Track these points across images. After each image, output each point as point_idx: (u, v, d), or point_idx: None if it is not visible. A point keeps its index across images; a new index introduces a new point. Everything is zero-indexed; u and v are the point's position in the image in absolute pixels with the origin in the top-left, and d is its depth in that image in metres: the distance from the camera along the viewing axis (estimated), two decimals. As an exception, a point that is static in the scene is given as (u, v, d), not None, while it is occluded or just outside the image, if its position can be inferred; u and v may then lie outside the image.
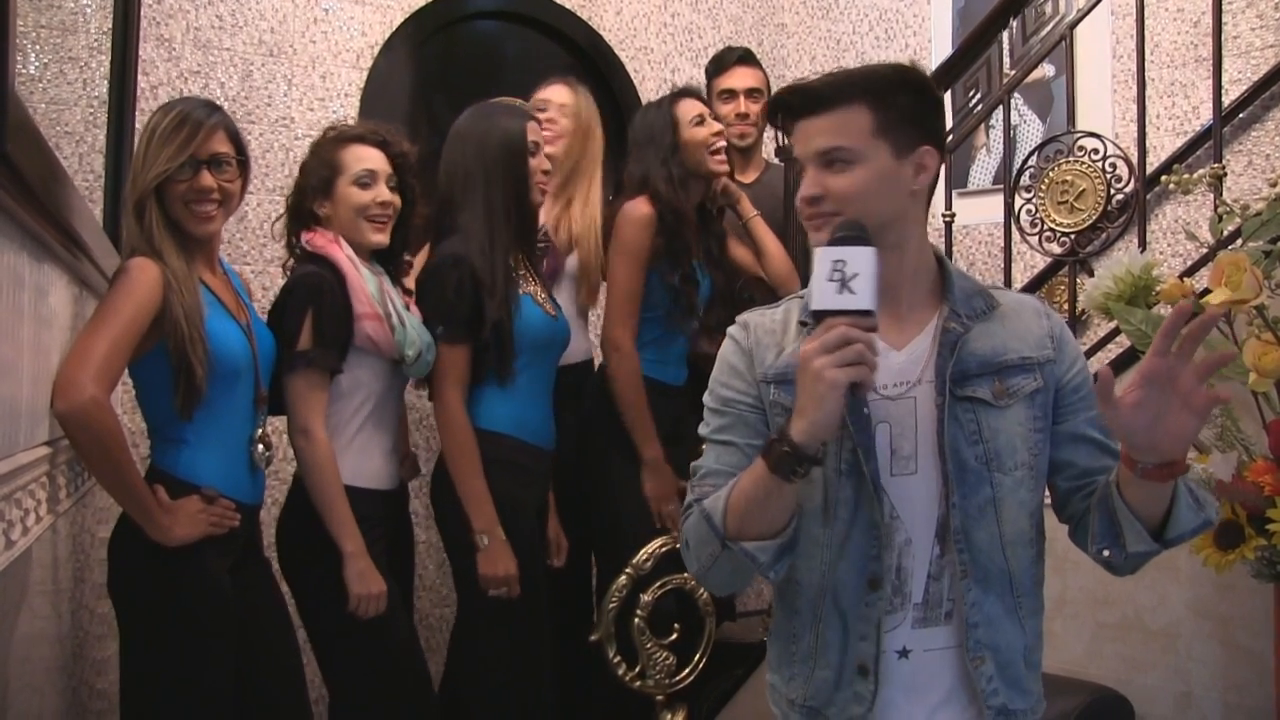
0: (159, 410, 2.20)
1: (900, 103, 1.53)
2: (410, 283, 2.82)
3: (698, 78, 3.98)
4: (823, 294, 1.41)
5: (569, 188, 3.28)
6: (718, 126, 3.12)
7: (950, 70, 3.10)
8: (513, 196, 2.73)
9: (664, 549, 2.98)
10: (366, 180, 2.57)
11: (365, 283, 2.52)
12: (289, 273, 2.63)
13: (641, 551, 2.97)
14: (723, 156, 3.12)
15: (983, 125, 3.99)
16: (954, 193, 3.68)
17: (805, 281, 3.02)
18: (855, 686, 1.55)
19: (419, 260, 2.90)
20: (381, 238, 2.60)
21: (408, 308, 2.69)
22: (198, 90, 3.42)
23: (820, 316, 1.42)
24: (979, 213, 4.05)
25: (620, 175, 3.27)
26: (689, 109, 3.11)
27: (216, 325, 2.23)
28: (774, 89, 3.78)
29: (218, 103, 2.39)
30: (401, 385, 2.72)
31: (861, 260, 1.41)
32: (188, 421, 2.19)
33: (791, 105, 1.58)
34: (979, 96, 4.08)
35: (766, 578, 1.54)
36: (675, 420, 3.11)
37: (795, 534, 1.54)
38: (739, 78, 3.63)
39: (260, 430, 2.42)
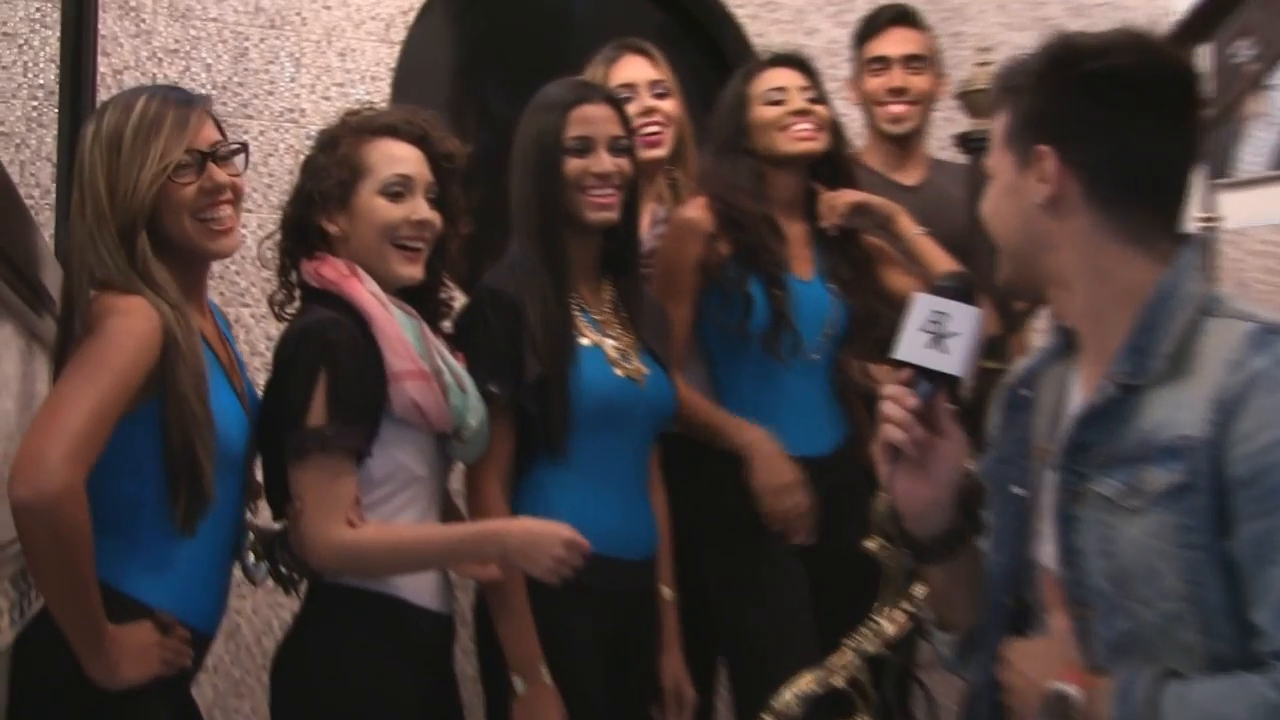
0: (117, 494, 2.12)
1: (1040, 94, 1.60)
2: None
3: (843, 40, 3.89)
4: (910, 342, 1.66)
5: (682, 196, 3.28)
6: (801, 104, 3.04)
7: (1207, 16, 2.94)
8: (544, 215, 2.69)
9: (817, 688, 2.83)
10: (399, 189, 2.47)
11: (401, 328, 2.43)
12: (281, 314, 2.57)
13: (785, 690, 2.82)
14: (804, 131, 3.04)
15: (1259, 89, 3.83)
16: (1215, 187, 3.51)
17: (1002, 312, 2.91)
18: None
19: None
20: (413, 270, 2.50)
21: (459, 362, 2.59)
22: (176, 75, 3.45)
23: (900, 366, 1.66)
24: (1255, 211, 3.95)
25: None
26: (768, 81, 3.07)
27: (216, 398, 2.20)
28: (946, 54, 3.77)
29: (201, 91, 2.38)
30: (447, 470, 2.63)
31: (964, 320, 1.65)
32: (189, 536, 2.16)
33: None
34: (1254, 50, 3.91)
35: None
36: (826, 501, 2.96)
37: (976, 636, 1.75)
38: (893, 41, 3.58)
39: (251, 536, 2.41)
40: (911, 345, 1.66)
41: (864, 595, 2.87)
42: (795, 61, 3.13)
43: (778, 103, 3.03)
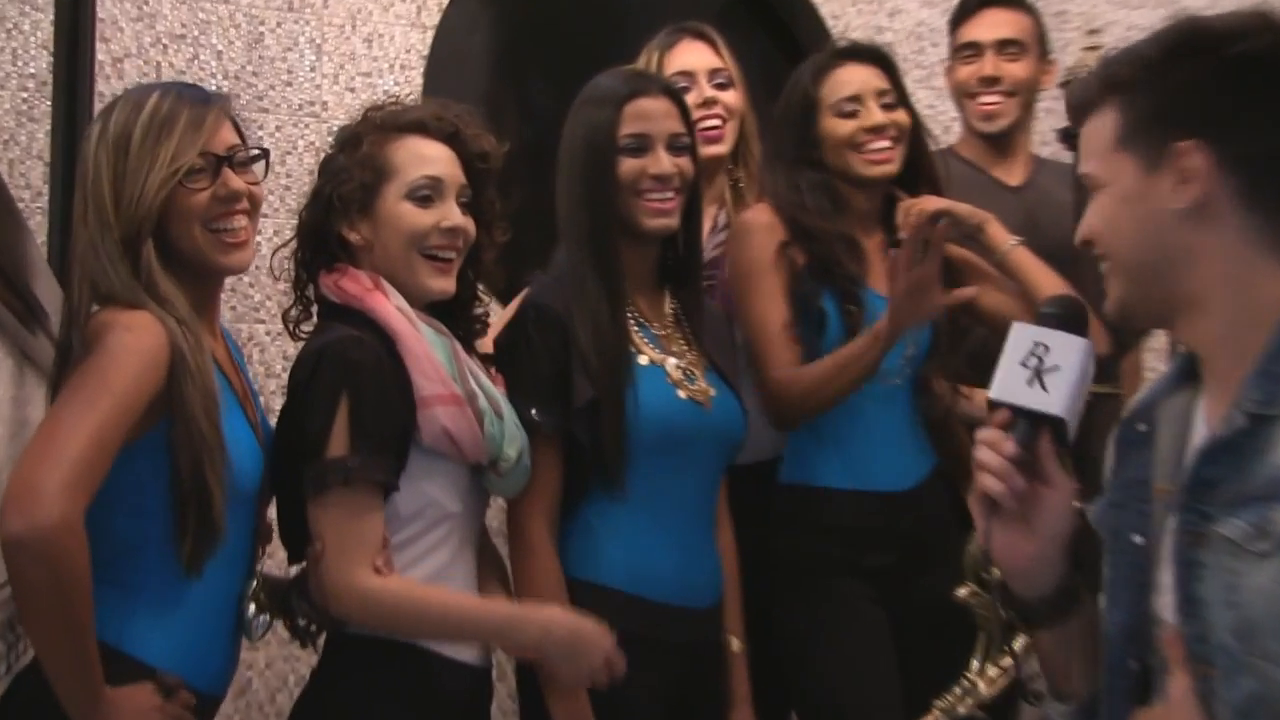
0: (116, 534, 2.10)
1: (1173, 84, 1.58)
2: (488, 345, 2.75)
3: (931, 22, 3.82)
4: (1007, 379, 1.64)
5: (745, 199, 3.27)
6: (879, 118, 2.98)
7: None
8: (595, 222, 2.66)
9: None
10: (428, 193, 2.45)
11: (431, 348, 2.40)
12: (297, 333, 2.56)
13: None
14: (881, 154, 3.00)
15: None
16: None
17: (1113, 330, 2.83)
18: None
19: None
20: (444, 283, 2.49)
21: (495, 384, 2.57)
22: (184, 64, 3.47)
23: (996, 407, 1.65)
24: None
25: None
26: (840, 85, 3.01)
27: (229, 427, 2.19)
28: (1050, 35, 3.72)
29: (212, 83, 2.34)
30: (483, 506, 2.60)
31: (1069, 353, 1.62)
32: (195, 577, 2.14)
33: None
34: None
35: None
36: (912, 541, 2.95)
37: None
38: (986, 25, 3.53)
39: (255, 582, 2.36)
40: (1008, 383, 1.64)
41: (954, 649, 2.87)
42: (870, 55, 3.07)
43: (851, 114, 2.99)
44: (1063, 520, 1.65)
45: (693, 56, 3.19)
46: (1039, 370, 1.62)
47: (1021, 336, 1.65)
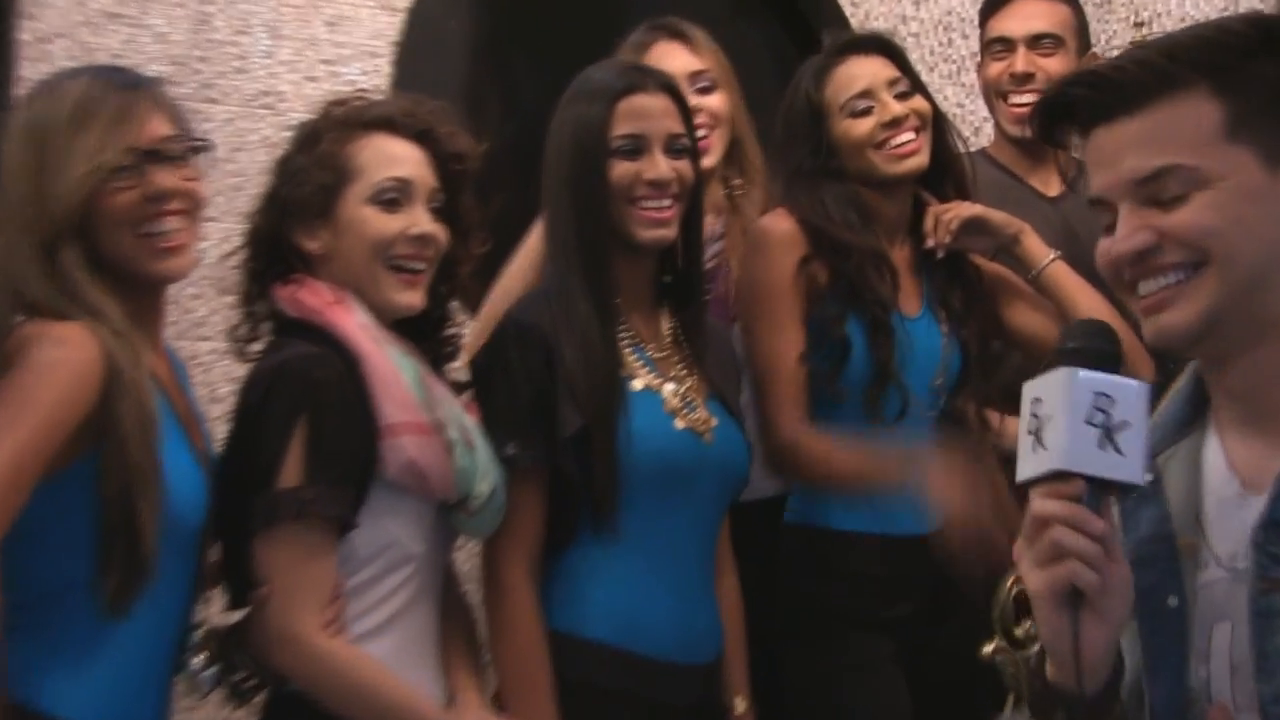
0: (35, 575, 2.12)
1: (1272, 73, 1.56)
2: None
3: (961, 11, 3.80)
4: (1076, 443, 1.48)
5: (744, 207, 3.28)
6: (896, 109, 3.00)
7: None
8: (584, 231, 2.68)
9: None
10: (394, 196, 2.46)
11: (399, 370, 2.40)
12: (244, 353, 2.53)
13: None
14: (906, 146, 3.03)
15: None
16: None
17: (1161, 359, 2.80)
18: None
19: None
20: (412, 297, 2.50)
21: (468, 413, 2.58)
22: (119, 47, 3.42)
23: (1064, 478, 1.50)
24: None
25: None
26: (847, 82, 3.04)
27: (169, 455, 2.19)
28: (1093, 27, 3.79)
29: (152, 69, 2.44)
30: (449, 547, 2.63)
31: (1135, 403, 1.49)
32: (120, 619, 2.14)
33: (1079, 107, 1.63)
34: None
35: None
36: (933, 589, 2.97)
37: None
38: (1018, 18, 3.55)
39: (201, 633, 2.37)
40: (1078, 448, 1.48)
41: (980, 709, 2.83)
42: (873, 45, 3.10)
43: (866, 111, 2.99)
44: (1129, 600, 1.55)
45: (671, 59, 3.18)
46: (1108, 428, 1.48)
47: (1079, 388, 1.49)
